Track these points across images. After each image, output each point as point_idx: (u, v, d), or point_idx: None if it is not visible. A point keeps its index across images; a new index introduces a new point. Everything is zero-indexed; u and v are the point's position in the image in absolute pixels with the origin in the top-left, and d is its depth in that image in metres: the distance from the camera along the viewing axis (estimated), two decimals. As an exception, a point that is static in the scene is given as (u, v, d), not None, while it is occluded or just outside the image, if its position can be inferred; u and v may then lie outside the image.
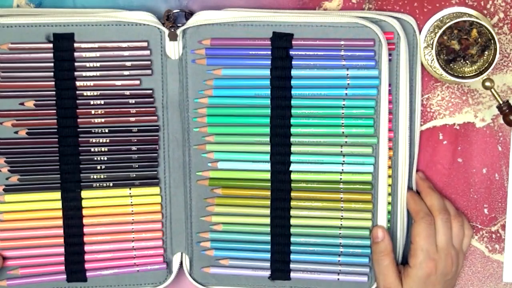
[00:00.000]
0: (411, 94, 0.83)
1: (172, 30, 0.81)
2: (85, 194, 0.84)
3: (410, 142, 0.83)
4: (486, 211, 0.87)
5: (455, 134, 0.85)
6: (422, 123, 0.85)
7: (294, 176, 0.83)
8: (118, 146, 0.83)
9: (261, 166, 0.83)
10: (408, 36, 0.81)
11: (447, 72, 0.80)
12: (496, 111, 0.83)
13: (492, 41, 0.79)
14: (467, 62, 0.81)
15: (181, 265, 0.86)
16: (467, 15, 0.82)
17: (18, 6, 0.85)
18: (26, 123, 0.82)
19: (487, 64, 0.80)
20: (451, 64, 0.81)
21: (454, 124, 0.85)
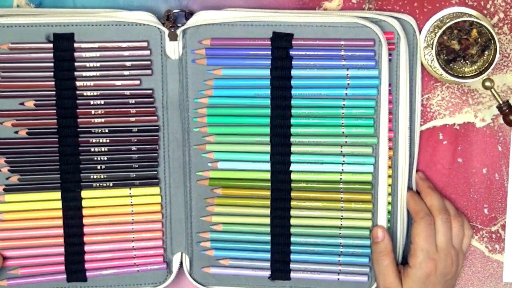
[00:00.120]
0: (411, 94, 0.83)
1: (172, 30, 0.81)
2: (85, 194, 0.84)
3: (410, 142, 0.83)
4: (486, 211, 0.87)
5: (455, 134, 0.85)
6: (422, 123, 0.85)
7: (294, 176, 0.83)
8: (118, 146, 0.83)
9: (261, 166, 0.83)
10: (408, 36, 0.81)
11: (447, 72, 0.80)
12: (496, 111, 0.83)
13: (492, 41, 0.79)
14: (467, 62, 0.81)
15: (181, 265, 0.86)
16: (467, 15, 0.82)
17: (18, 6, 0.85)
18: (26, 123, 0.82)
19: (487, 64, 0.80)
20: (451, 64, 0.81)
21: (454, 124, 0.85)
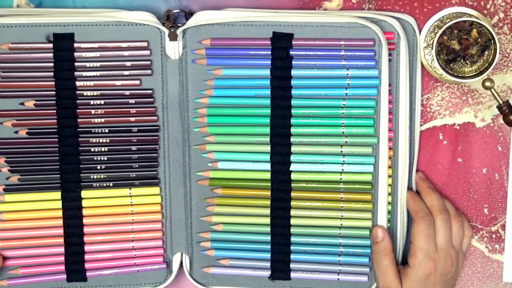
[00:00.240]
0: (411, 94, 0.83)
1: (172, 30, 0.81)
2: (85, 194, 0.84)
3: (410, 142, 0.83)
4: (486, 211, 0.87)
5: (455, 134, 0.85)
6: (422, 123, 0.85)
7: (294, 176, 0.83)
8: (118, 146, 0.83)
9: (261, 166, 0.83)
10: (408, 36, 0.81)
11: (447, 72, 0.80)
12: (496, 111, 0.83)
13: (492, 41, 0.79)
14: (467, 62, 0.81)
15: (181, 265, 0.86)
16: (467, 15, 0.82)
17: (18, 6, 0.85)
18: (26, 123, 0.82)
19: (487, 64, 0.80)
20: (451, 64, 0.81)
21: (454, 124, 0.85)
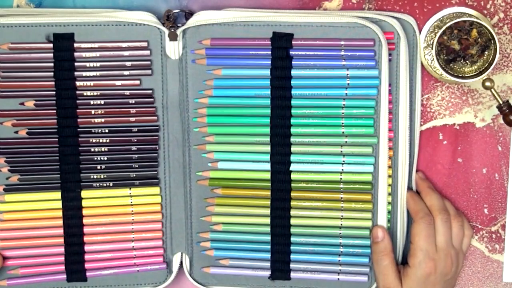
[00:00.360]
0: (411, 94, 0.83)
1: (172, 30, 0.81)
2: (85, 194, 0.84)
3: (410, 142, 0.83)
4: (486, 211, 0.87)
5: (455, 134, 0.85)
6: (422, 123, 0.85)
7: (294, 176, 0.83)
8: (118, 146, 0.83)
9: (261, 166, 0.83)
10: (408, 36, 0.81)
11: (447, 72, 0.80)
12: (496, 111, 0.83)
13: (492, 41, 0.79)
14: (467, 62, 0.81)
15: (181, 265, 0.86)
16: (467, 15, 0.82)
17: (18, 6, 0.85)
18: (26, 123, 0.82)
19: (487, 64, 0.80)
20: (451, 64, 0.81)
21: (454, 124, 0.85)
